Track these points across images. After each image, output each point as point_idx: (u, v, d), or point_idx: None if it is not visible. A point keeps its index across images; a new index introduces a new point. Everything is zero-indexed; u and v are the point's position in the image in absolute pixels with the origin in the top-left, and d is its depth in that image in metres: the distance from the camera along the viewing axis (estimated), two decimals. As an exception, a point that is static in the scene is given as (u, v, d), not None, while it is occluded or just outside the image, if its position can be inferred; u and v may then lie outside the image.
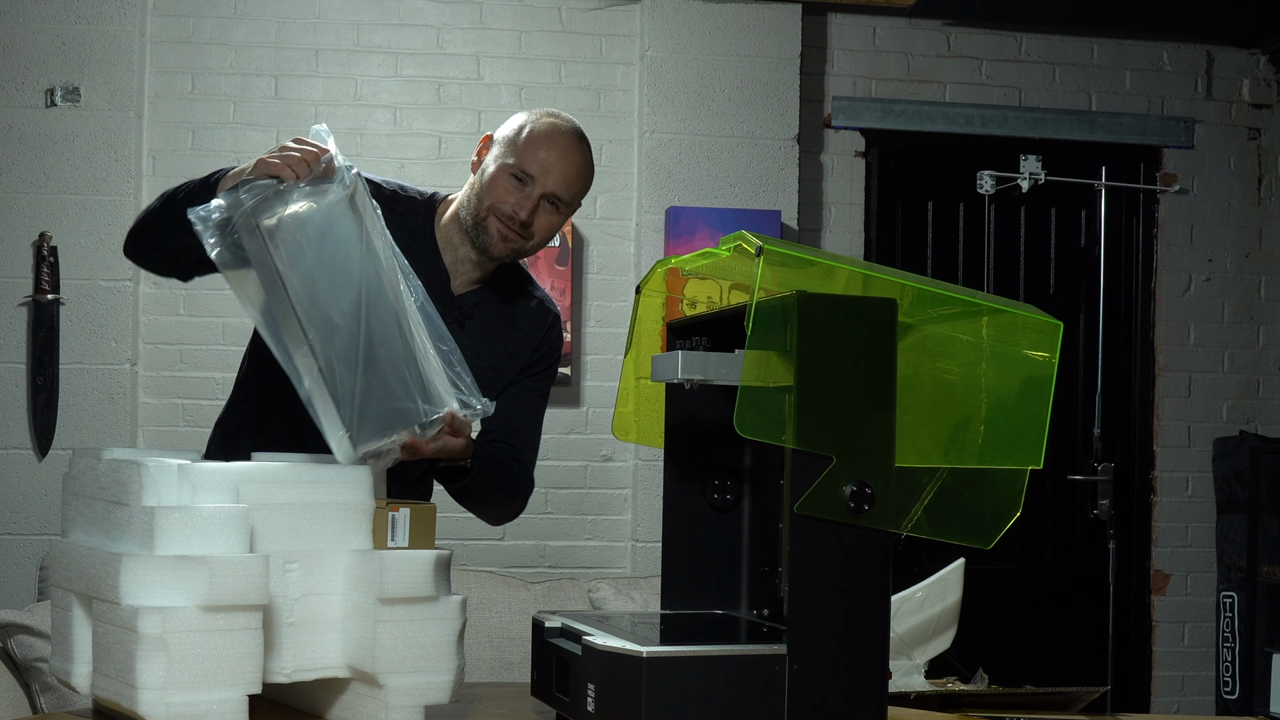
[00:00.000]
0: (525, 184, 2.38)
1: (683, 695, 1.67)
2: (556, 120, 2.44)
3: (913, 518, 1.87)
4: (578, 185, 2.44)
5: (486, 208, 2.39)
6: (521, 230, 2.40)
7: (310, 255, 2.07)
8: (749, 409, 1.69)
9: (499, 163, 2.40)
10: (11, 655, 3.72)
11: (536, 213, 2.40)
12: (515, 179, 2.38)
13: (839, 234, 5.15)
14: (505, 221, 2.39)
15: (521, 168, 2.37)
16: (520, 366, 2.52)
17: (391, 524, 1.86)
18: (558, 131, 2.42)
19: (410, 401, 2.06)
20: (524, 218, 2.38)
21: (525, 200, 2.38)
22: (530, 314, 2.55)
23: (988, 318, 1.89)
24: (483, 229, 2.40)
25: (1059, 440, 5.21)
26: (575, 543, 4.88)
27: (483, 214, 2.40)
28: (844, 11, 5.16)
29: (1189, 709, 5.27)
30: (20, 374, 4.55)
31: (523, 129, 2.41)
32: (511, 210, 2.38)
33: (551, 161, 2.39)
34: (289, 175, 2.07)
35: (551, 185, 2.39)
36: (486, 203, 2.39)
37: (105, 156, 4.58)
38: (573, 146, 2.42)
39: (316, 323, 2.05)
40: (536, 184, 2.38)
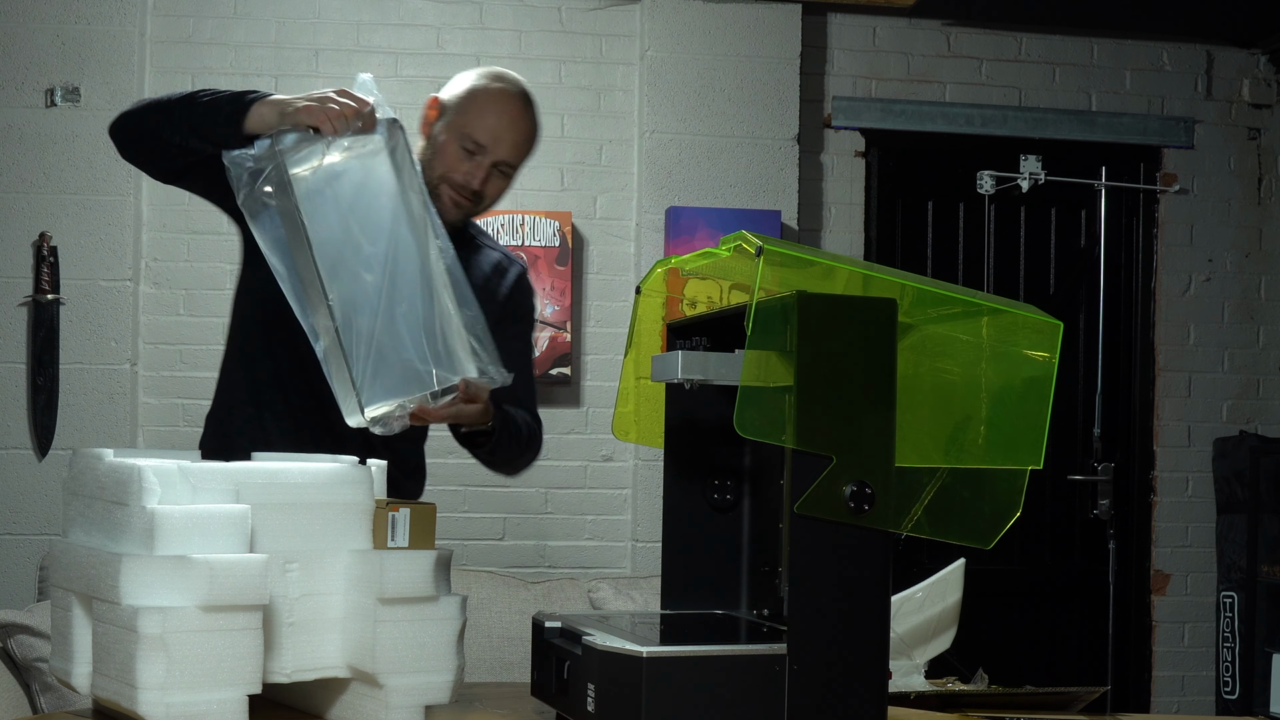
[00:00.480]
0: (476, 153, 2.42)
1: (683, 695, 1.67)
2: (504, 85, 2.47)
3: (913, 518, 1.87)
4: (526, 149, 2.49)
5: (438, 176, 2.43)
6: (473, 197, 2.45)
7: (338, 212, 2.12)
8: (749, 409, 1.69)
9: (448, 132, 2.43)
10: (11, 655, 3.72)
11: (487, 181, 2.44)
12: (465, 150, 2.42)
13: (839, 234, 5.15)
14: (457, 190, 2.43)
15: (472, 138, 2.41)
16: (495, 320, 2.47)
17: (391, 524, 1.86)
18: (506, 97, 2.45)
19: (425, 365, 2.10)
20: (476, 187, 2.43)
21: (477, 169, 2.42)
22: (493, 270, 2.58)
23: (988, 318, 1.89)
24: (435, 196, 2.41)
25: (1059, 440, 5.21)
26: (575, 543, 4.88)
27: (434, 182, 2.42)
28: (844, 11, 5.16)
29: (1189, 709, 5.27)
30: (20, 374, 4.55)
31: (472, 96, 2.44)
32: (464, 179, 2.42)
33: (501, 129, 2.42)
34: (328, 129, 2.12)
35: (502, 153, 2.43)
36: (438, 171, 2.43)
37: (105, 156, 4.58)
38: (521, 112, 2.46)
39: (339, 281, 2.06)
40: (488, 153, 2.42)
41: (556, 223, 4.81)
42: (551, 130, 4.94)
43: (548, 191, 4.86)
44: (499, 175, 2.46)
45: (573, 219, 4.86)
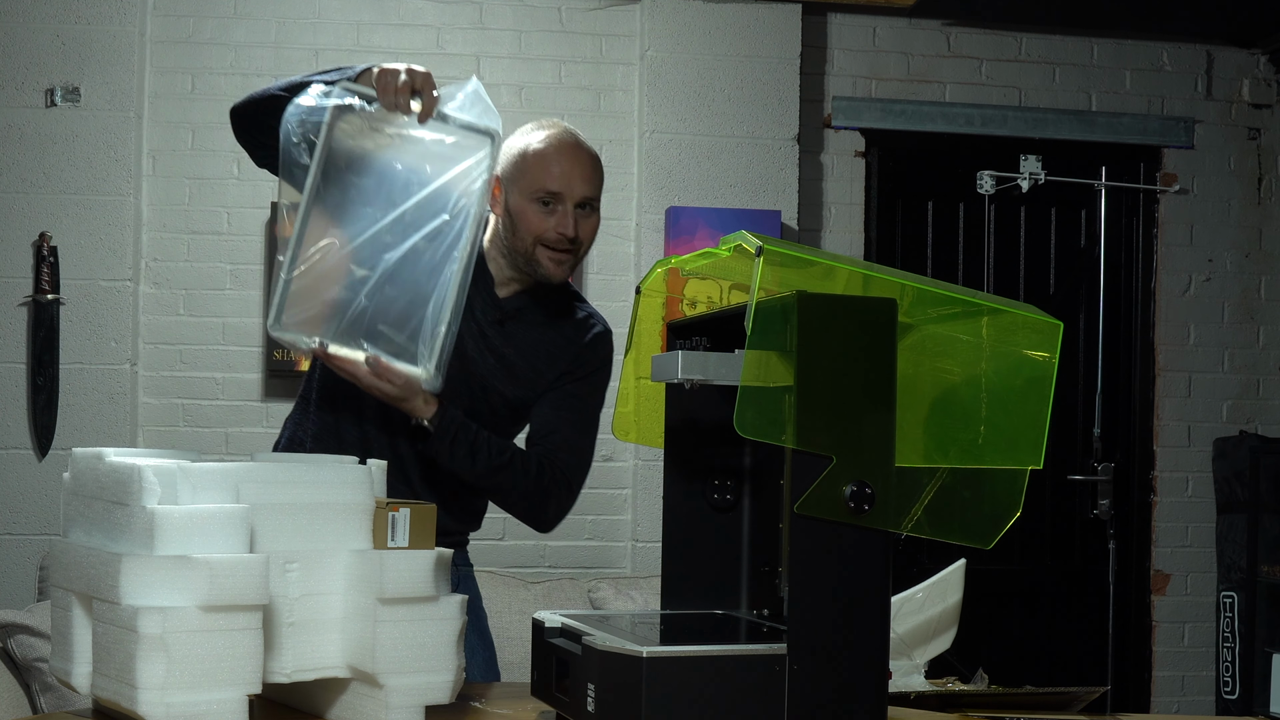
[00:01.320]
0: (554, 203, 2.41)
1: (683, 695, 1.67)
2: (549, 131, 2.47)
3: (913, 518, 1.87)
4: (598, 179, 2.48)
5: (531, 243, 2.43)
6: (571, 245, 2.44)
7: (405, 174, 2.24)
8: (749, 409, 1.69)
9: (522, 196, 2.42)
10: (11, 655, 3.72)
11: (578, 224, 2.44)
12: (543, 204, 2.41)
13: (839, 234, 5.15)
14: (554, 245, 2.43)
15: (545, 190, 2.41)
16: (560, 372, 2.54)
17: (391, 524, 1.86)
18: (556, 141, 2.44)
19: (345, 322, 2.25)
20: (570, 234, 2.42)
21: (564, 218, 2.41)
22: (576, 323, 2.58)
23: (988, 318, 1.89)
24: (535, 263, 2.44)
25: (1059, 440, 5.21)
26: (575, 543, 4.88)
27: (530, 248, 2.43)
28: (844, 11, 5.16)
29: (1189, 709, 5.27)
30: (20, 374, 4.55)
31: (525, 154, 2.44)
32: (556, 234, 2.42)
33: (566, 170, 2.42)
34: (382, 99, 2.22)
35: (579, 191, 2.43)
36: (529, 239, 2.43)
37: (105, 156, 4.58)
38: (576, 148, 2.45)
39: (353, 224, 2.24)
40: (565, 198, 2.42)
41: (556, 223, 4.81)
42: (551, 130, 4.95)
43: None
44: (585, 214, 2.45)
45: (573, 219, 4.85)
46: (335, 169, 2.24)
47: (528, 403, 2.55)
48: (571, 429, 2.54)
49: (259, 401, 4.74)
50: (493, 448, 2.43)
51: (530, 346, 2.52)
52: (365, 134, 2.25)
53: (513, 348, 2.50)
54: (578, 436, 2.55)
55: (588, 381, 2.57)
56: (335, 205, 2.24)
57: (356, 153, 2.25)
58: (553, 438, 2.52)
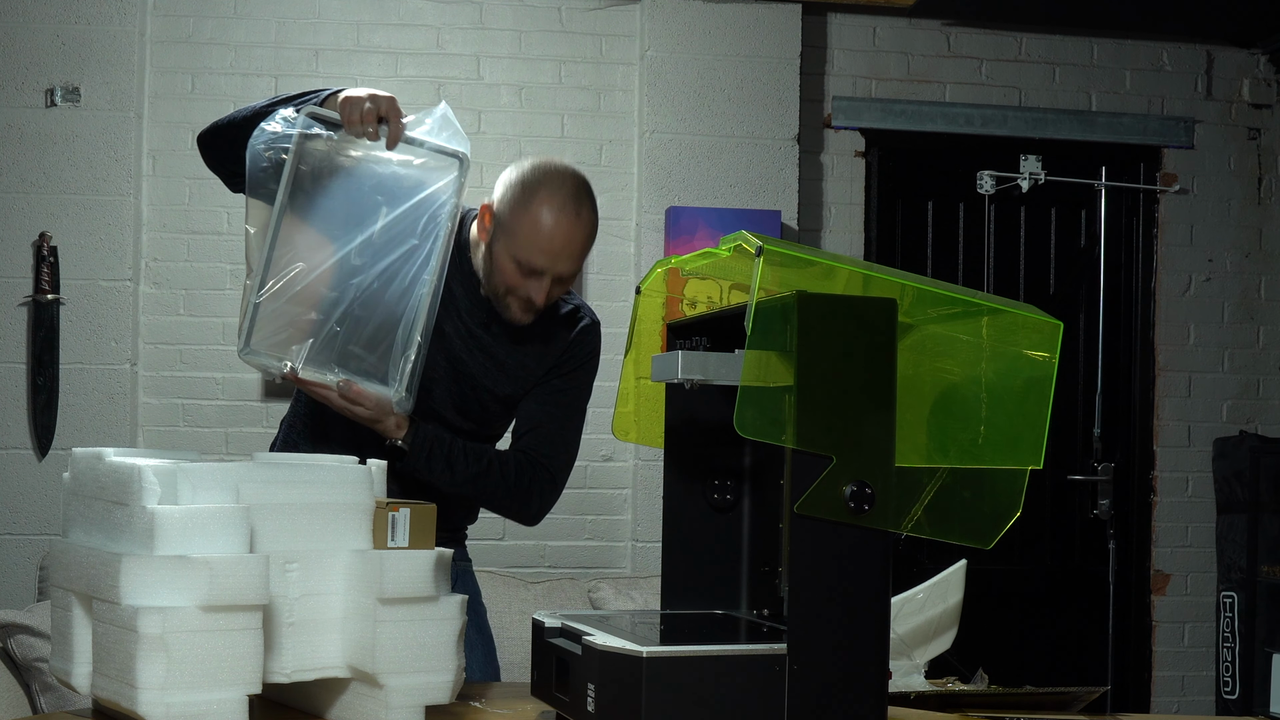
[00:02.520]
0: (534, 275, 2.38)
1: (683, 695, 1.67)
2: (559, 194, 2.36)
3: (913, 518, 1.87)
4: (587, 249, 2.43)
5: (503, 291, 2.42)
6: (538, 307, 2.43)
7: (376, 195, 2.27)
8: (749, 409, 1.69)
9: (505, 250, 2.38)
10: (11, 655, 3.72)
11: (550, 290, 2.41)
12: (522, 271, 2.38)
13: (839, 234, 5.15)
14: (523, 302, 2.41)
15: (529, 264, 2.36)
16: (548, 369, 2.55)
17: (391, 524, 1.86)
18: (558, 210, 2.34)
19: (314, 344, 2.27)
20: (540, 302, 2.40)
21: (538, 287, 2.38)
22: (563, 318, 2.57)
23: (988, 318, 1.89)
24: (503, 305, 2.44)
25: (1059, 440, 5.21)
26: (575, 543, 4.88)
27: (500, 294, 2.42)
28: (844, 11, 5.16)
29: (1189, 709, 5.27)
30: (20, 374, 4.55)
31: (524, 217, 2.35)
32: (527, 296, 2.39)
33: (556, 250, 2.35)
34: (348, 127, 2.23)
35: (561, 268, 2.38)
36: (502, 287, 2.41)
37: (105, 156, 4.58)
38: (575, 225, 2.36)
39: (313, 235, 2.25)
40: (546, 274, 2.38)
41: (556, 223, 4.81)
42: (551, 130, 4.95)
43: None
44: (561, 281, 2.42)
45: (573, 219, 4.85)
46: (302, 193, 2.25)
47: (519, 398, 2.56)
48: (555, 424, 2.55)
49: (259, 401, 4.74)
50: (469, 456, 2.44)
51: (518, 344, 2.52)
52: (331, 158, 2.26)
53: (501, 346, 2.51)
54: (561, 431, 2.56)
55: (574, 376, 2.57)
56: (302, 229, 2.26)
57: (323, 177, 2.26)
58: (536, 433, 2.53)
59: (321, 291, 2.25)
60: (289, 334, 2.25)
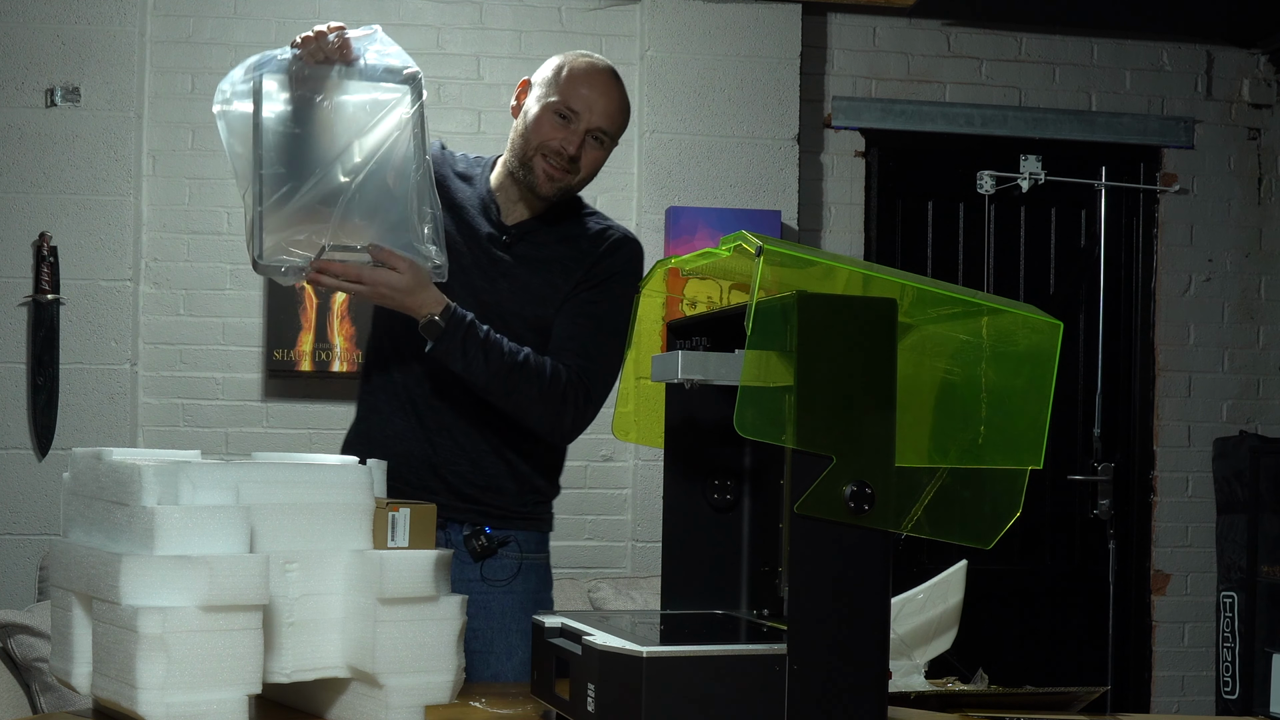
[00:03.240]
0: (570, 120, 2.44)
1: (683, 695, 1.67)
2: (593, 59, 2.52)
3: (913, 518, 1.87)
4: (620, 119, 2.50)
5: (534, 147, 2.45)
6: (569, 166, 2.46)
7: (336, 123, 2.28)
8: (749, 409, 1.69)
9: (542, 103, 2.46)
10: (11, 655, 3.72)
11: (583, 148, 2.46)
12: (560, 116, 2.44)
13: (839, 234, 5.14)
14: (552, 158, 2.45)
15: (566, 104, 2.44)
16: (576, 282, 2.51)
17: (391, 524, 1.86)
18: (596, 69, 2.48)
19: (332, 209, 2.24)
20: (572, 152, 2.44)
21: (572, 136, 2.44)
22: (592, 236, 2.55)
23: (988, 318, 1.88)
24: (529, 169, 2.46)
25: (1059, 440, 5.21)
26: (575, 543, 4.88)
27: (530, 154, 2.46)
28: (844, 11, 5.16)
29: (1189, 709, 5.27)
30: (20, 374, 4.55)
31: (562, 69, 2.48)
32: (559, 146, 2.44)
33: (594, 97, 2.45)
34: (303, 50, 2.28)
35: (596, 120, 2.45)
36: (534, 143, 2.45)
37: (105, 156, 4.58)
38: (612, 83, 2.49)
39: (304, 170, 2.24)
40: (581, 119, 2.44)
41: (556, 223, 4.81)
42: (551, 130, 4.95)
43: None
44: (594, 144, 2.47)
45: (573, 219, 4.86)
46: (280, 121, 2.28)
47: (549, 320, 2.50)
48: (588, 336, 2.48)
49: (259, 401, 4.74)
50: (504, 347, 2.37)
51: (542, 263, 2.50)
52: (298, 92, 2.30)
53: (523, 267, 2.48)
54: (595, 343, 2.48)
55: (605, 287, 2.51)
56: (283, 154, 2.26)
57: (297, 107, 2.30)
58: (569, 344, 2.47)
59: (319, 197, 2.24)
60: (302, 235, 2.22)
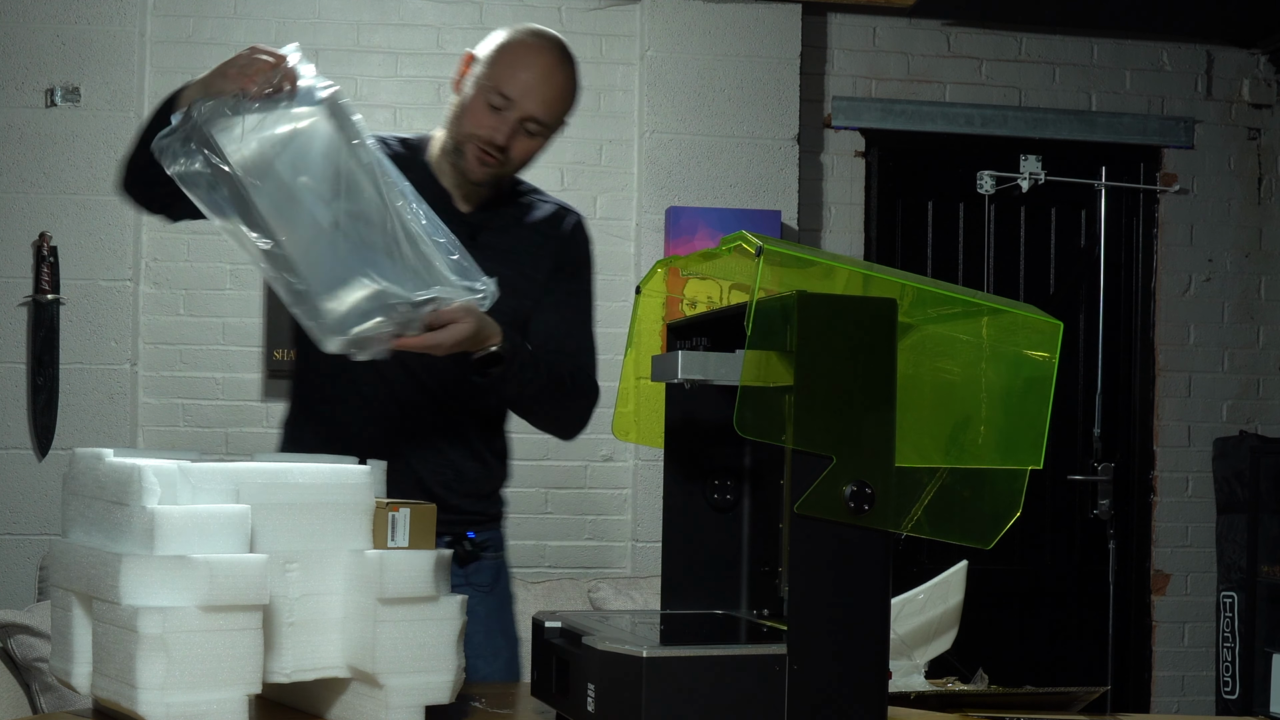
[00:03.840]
0: (502, 109, 2.30)
1: (683, 695, 1.67)
2: (540, 37, 2.36)
3: (913, 518, 1.87)
4: (559, 107, 2.36)
5: (465, 133, 2.33)
6: (499, 154, 2.33)
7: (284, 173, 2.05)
8: (749, 409, 1.69)
9: (478, 85, 2.33)
10: (11, 655, 3.72)
11: (514, 137, 2.32)
12: (491, 104, 2.30)
13: (839, 234, 5.15)
14: (482, 146, 2.32)
15: (499, 90, 2.30)
16: (549, 271, 2.45)
17: (391, 524, 1.86)
18: (538, 50, 2.33)
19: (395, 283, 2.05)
20: (500, 142, 2.31)
21: (502, 124, 2.30)
22: (548, 219, 2.49)
23: (988, 318, 1.88)
24: (460, 153, 2.35)
25: (1059, 440, 5.21)
26: (575, 543, 4.88)
27: (461, 138, 2.34)
28: (844, 11, 5.16)
29: (1189, 709, 5.27)
30: (20, 374, 4.55)
31: (502, 47, 2.34)
32: (488, 135, 2.31)
33: (531, 84, 2.30)
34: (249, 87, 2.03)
35: (530, 108, 2.30)
36: (465, 128, 2.33)
37: (105, 156, 4.58)
38: (554, 66, 2.33)
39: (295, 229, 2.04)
40: (515, 107, 2.30)
41: (556, 223, 4.81)
42: (551, 130, 4.95)
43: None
44: (526, 134, 2.33)
45: (573, 219, 4.86)
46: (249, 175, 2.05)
47: (526, 312, 2.43)
48: (581, 330, 2.47)
49: (259, 401, 4.74)
50: (540, 361, 2.32)
51: (511, 252, 2.43)
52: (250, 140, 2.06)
53: (493, 259, 2.33)
54: (586, 336, 2.48)
55: (579, 277, 2.49)
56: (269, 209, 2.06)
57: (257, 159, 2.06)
58: (565, 342, 2.44)
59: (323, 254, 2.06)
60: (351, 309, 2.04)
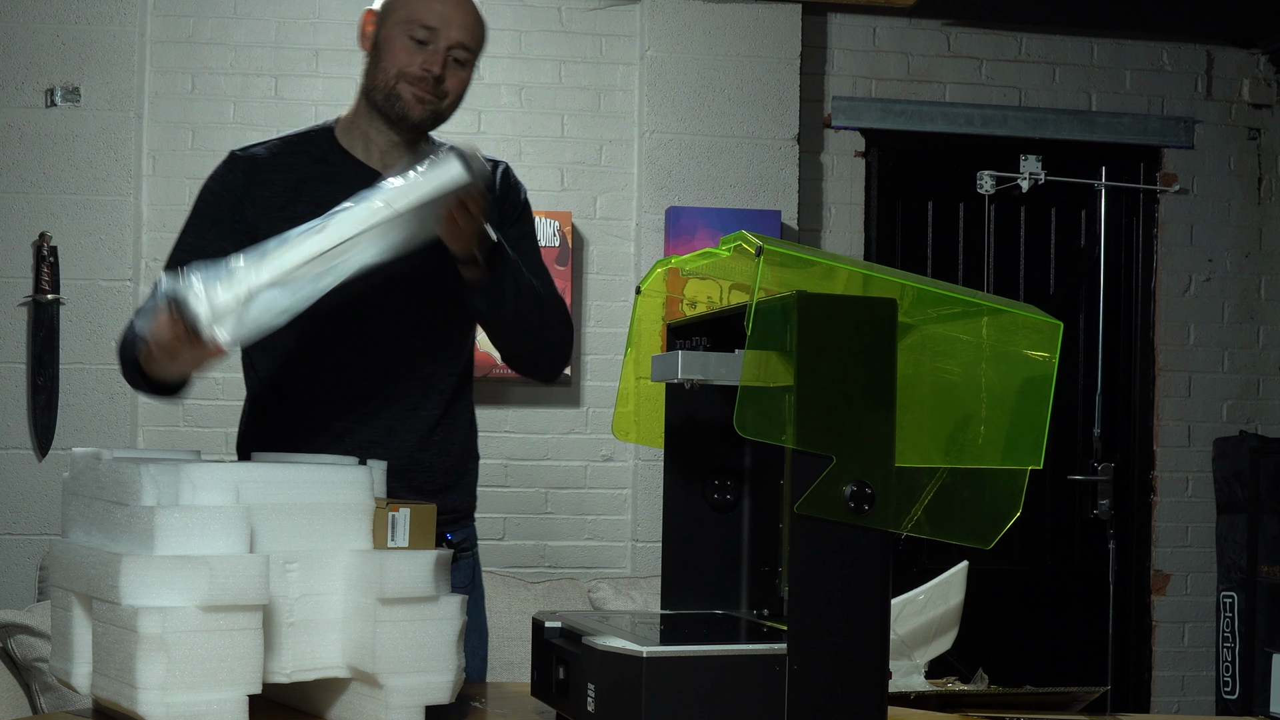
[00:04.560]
0: (428, 41, 2.30)
1: (683, 695, 1.67)
2: None
3: (913, 518, 1.87)
4: (479, 32, 2.36)
5: (394, 75, 2.32)
6: (435, 89, 2.32)
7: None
8: (749, 409, 1.69)
9: (394, 28, 2.32)
10: (11, 655, 3.72)
11: (446, 68, 2.32)
12: (414, 39, 2.30)
13: (839, 234, 5.15)
14: (417, 84, 2.31)
15: (421, 24, 2.29)
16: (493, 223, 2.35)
17: (391, 524, 1.86)
18: None
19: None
20: (436, 72, 2.30)
21: (434, 55, 2.30)
22: None
23: (988, 318, 1.88)
24: (395, 97, 2.33)
25: (1059, 440, 5.21)
26: (575, 543, 4.88)
27: (392, 83, 2.32)
28: (844, 11, 5.16)
29: (1189, 709, 5.27)
30: (20, 374, 4.55)
31: None
32: (421, 70, 2.31)
33: (447, 11, 2.30)
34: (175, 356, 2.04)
35: (454, 35, 2.31)
36: (393, 71, 2.32)
37: (105, 156, 4.58)
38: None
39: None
40: (440, 36, 2.30)
41: (556, 223, 4.81)
42: (551, 130, 4.95)
43: (548, 191, 4.87)
44: (456, 64, 2.33)
45: (573, 219, 4.86)
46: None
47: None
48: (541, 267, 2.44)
49: (259, 401, 4.74)
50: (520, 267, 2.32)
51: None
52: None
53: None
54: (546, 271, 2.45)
55: (522, 221, 2.48)
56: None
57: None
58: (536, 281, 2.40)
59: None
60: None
